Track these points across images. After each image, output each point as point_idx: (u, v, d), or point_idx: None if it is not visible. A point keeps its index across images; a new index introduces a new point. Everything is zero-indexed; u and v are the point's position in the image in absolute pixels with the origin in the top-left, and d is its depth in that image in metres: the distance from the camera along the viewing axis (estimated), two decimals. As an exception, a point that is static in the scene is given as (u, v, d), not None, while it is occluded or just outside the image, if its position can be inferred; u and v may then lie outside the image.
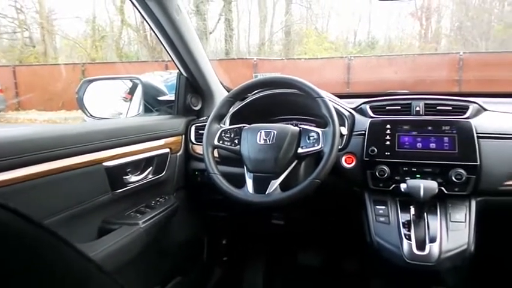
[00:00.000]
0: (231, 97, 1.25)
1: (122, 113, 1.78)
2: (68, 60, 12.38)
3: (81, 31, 14.26)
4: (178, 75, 1.49)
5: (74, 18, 17.83)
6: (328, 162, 1.04)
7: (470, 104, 1.21)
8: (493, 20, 13.10)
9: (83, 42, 13.50)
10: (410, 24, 14.80)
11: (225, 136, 1.20)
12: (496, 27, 12.83)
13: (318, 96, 1.11)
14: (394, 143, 1.17)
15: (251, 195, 1.10)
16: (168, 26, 1.27)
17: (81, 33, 14.00)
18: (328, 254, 1.84)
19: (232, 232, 1.85)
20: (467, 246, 1.03)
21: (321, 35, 14.39)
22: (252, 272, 1.80)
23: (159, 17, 1.24)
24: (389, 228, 1.11)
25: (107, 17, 14.31)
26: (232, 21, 13.58)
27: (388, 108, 1.28)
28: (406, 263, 1.02)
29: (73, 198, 0.96)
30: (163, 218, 1.27)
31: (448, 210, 1.10)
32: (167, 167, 1.34)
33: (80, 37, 13.73)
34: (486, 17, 13.06)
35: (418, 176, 1.13)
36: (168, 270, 1.48)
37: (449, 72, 8.91)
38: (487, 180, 1.09)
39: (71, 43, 13.64)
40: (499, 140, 1.12)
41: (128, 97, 1.81)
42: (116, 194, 1.10)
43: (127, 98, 1.81)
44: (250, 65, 9.97)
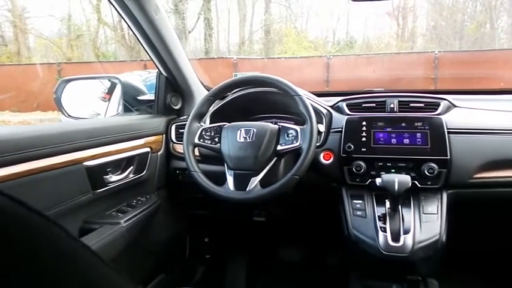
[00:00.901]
0: (210, 96, 1.26)
1: (100, 113, 1.77)
2: (43, 60, 12.06)
3: (56, 30, 13.92)
4: (158, 75, 1.49)
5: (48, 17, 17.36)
6: (307, 158, 1.07)
7: (441, 101, 1.26)
8: (466, 19, 13.49)
9: (58, 42, 13.17)
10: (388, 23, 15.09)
11: (205, 135, 1.22)
12: (469, 27, 13.23)
13: (296, 94, 1.14)
14: (369, 139, 1.21)
15: (232, 192, 1.12)
16: (147, 26, 1.28)
17: (55, 32, 13.66)
18: (309, 248, 1.88)
19: (214, 230, 1.86)
20: (439, 237, 1.08)
21: (301, 34, 14.51)
22: (234, 269, 1.82)
23: (137, 16, 1.24)
24: (366, 222, 1.15)
25: (83, 15, 14.02)
26: (212, 20, 13.52)
27: (364, 106, 1.32)
28: (382, 254, 1.06)
29: (53, 198, 0.96)
30: (145, 217, 1.27)
31: (421, 203, 1.15)
32: (148, 166, 1.34)
33: (54, 36, 13.40)
34: (459, 16, 13.44)
35: (393, 170, 1.17)
36: (151, 268, 1.48)
37: (426, 70, 9.13)
38: (457, 174, 1.15)
39: (46, 42, 13.28)
40: (468, 134, 1.17)
41: (107, 97, 1.80)
42: (96, 193, 1.10)
43: (105, 98, 1.80)
44: (230, 64, 9.96)
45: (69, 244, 0.32)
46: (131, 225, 1.17)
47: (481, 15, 13.12)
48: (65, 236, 0.32)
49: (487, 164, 1.15)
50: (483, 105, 1.29)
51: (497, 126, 1.18)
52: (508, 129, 1.17)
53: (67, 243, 0.32)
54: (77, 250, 0.33)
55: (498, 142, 1.16)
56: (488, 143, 1.16)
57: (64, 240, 0.32)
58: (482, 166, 1.15)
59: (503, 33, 12.97)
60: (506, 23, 12.90)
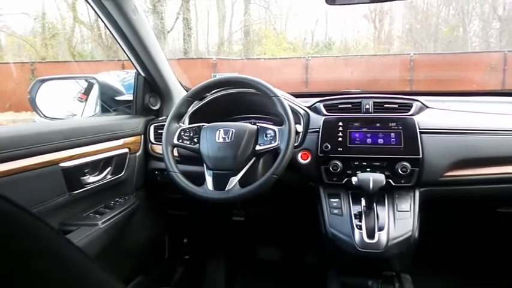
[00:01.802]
0: (189, 96, 1.27)
1: (77, 114, 1.74)
2: (15, 59, 11.68)
3: (30, 28, 13.50)
4: (136, 75, 1.48)
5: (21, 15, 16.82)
6: (285, 158, 1.09)
7: (413, 102, 1.30)
8: (440, 23, 13.89)
9: (31, 40, 12.79)
10: (365, 26, 15.36)
11: (184, 135, 1.22)
12: (442, 30, 13.63)
13: (274, 95, 1.16)
14: (346, 139, 1.24)
15: (211, 192, 1.12)
16: (125, 26, 1.27)
17: (29, 31, 13.25)
18: (288, 247, 1.91)
19: (193, 230, 1.86)
20: (411, 233, 1.12)
21: (280, 35, 14.60)
22: (213, 269, 1.83)
23: (115, 17, 1.23)
24: (342, 220, 1.17)
25: (58, 14, 13.65)
26: (191, 21, 13.42)
27: (340, 107, 1.35)
28: (358, 251, 1.09)
29: (28, 200, 0.94)
30: (123, 218, 1.26)
31: (395, 200, 1.18)
32: (126, 167, 1.33)
33: (28, 35, 13.00)
34: (434, 20, 13.83)
35: (368, 169, 1.20)
36: (130, 269, 1.47)
37: (402, 72, 9.35)
38: (429, 172, 1.19)
39: (18, 41, 12.87)
40: (439, 134, 1.22)
41: (83, 97, 1.77)
42: (73, 195, 1.08)
43: (82, 99, 1.77)
44: (209, 64, 9.93)
45: (54, 240, 0.33)
46: (109, 226, 1.16)
47: (454, 19, 13.54)
48: (50, 232, 0.32)
49: (457, 163, 1.20)
50: (454, 106, 1.34)
51: (467, 126, 1.23)
52: (477, 129, 1.22)
53: (51, 240, 0.32)
54: (62, 246, 0.34)
55: (468, 142, 1.21)
56: (458, 143, 1.21)
57: (48, 236, 0.32)
58: (452, 165, 1.19)
59: (475, 37, 13.44)
60: (478, 27, 13.36)
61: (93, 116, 1.61)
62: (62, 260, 0.33)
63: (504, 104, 1.49)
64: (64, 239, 0.34)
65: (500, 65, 8.61)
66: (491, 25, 12.86)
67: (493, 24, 12.82)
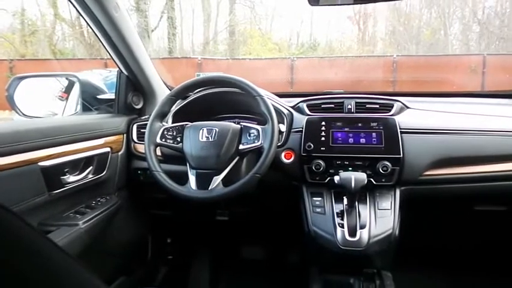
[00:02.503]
0: (173, 95, 1.26)
1: (58, 112, 1.71)
2: (-9, 56, 11.38)
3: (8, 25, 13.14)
4: (119, 74, 1.46)
5: (0, 11, 16.37)
6: (268, 157, 1.09)
7: (394, 102, 1.32)
8: (422, 25, 14.15)
9: (10, 37, 12.46)
10: (349, 27, 15.53)
11: (167, 134, 1.21)
12: (424, 33, 13.88)
13: (257, 94, 1.17)
14: (328, 139, 1.26)
15: (194, 192, 1.12)
16: (106, 24, 1.25)
17: (7, 27, 12.90)
18: (272, 246, 1.91)
19: (177, 230, 1.85)
20: (392, 231, 1.14)
21: (265, 35, 14.62)
22: (197, 269, 1.82)
23: (97, 14, 1.21)
24: (325, 218, 1.19)
25: (38, 10, 13.33)
26: (176, 19, 13.32)
27: (323, 107, 1.36)
28: (340, 249, 1.10)
29: (5, 200, 0.92)
30: (105, 218, 1.25)
31: (376, 199, 1.20)
32: (108, 167, 1.32)
33: (6, 31, 12.66)
34: (416, 22, 14.08)
35: (350, 168, 1.22)
36: (112, 270, 1.45)
37: (385, 73, 9.48)
38: (409, 171, 1.21)
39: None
40: (419, 134, 1.24)
41: (64, 96, 1.74)
42: (53, 194, 1.07)
43: (63, 97, 1.74)
44: (194, 64, 9.87)
45: (35, 240, 0.32)
46: (90, 226, 1.14)
47: (435, 22, 13.81)
48: (30, 231, 0.32)
49: (436, 162, 1.22)
50: (434, 107, 1.37)
51: (446, 126, 1.26)
52: (456, 130, 1.25)
53: (32, 239, 0.32)
54: (43, 246, 0.33)
55: (446, 141, 1.24)
56: (437, 143, 1.24)
57: (29, 235, 0.32)
58: (431, 164, 1.22)
59: (456, 40, 13.73)
60: (458, 30, 13.66)
61: (74, 114, 1.58)
62: (43, 259, 0.32)
63: (482, 105, 1.53)
64: (45, 238, 0.33)
65: (480, 67, 8.82)
66: (471, 28, 13.18)
67: (473, 28, 13.14)
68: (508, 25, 11.77)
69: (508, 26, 11.79)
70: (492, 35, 12.05)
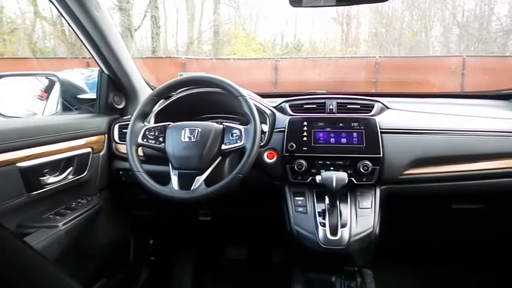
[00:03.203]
0: (155, 95, 1.25)
1: (38, 112, 1.68)
2: (-31, 54, 11.04)
3: (-15, 23, 12.75)
4: (100, 73, 1.45)
5: (-23, 8, 15.87)
6: (250, 157, 1.10)
7: (375, 103, 1.35)
8: (404, 27, 14.37)
9: (-14, 35, 12.11)
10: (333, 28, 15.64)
11: (149, 134, 1.20)
12: (406, 34, 14.11)
13: (240, 94, 1.17)
14: (310, 139, 1.27)
15: (176, 192, 1.12)
16: (87, 23, 1.24)
17: (-16, 26, 12.52)
18: (255, 246, 1.92)
19: (160, 231, 1.84)
20: (372, 230, 1.16)
21: (249, 36, 14.61)
22: (180, 269, 1.81)
23: (77, 13, 1.20)
24: (307, 217, 1.20)
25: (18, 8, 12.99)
26: (159, 19, 13.17)
27: (305, 107, 1.38)
28: (321, 248, 1.12)
29: None
30: (86, 220, 1.23)
31: (357, 198, 1.22)
32: (89, 167, 1.30)
33: (-17, 30, 12.29)
34: (398, 24, 14.29)
35: (332, 168, 1.23)
36: (92, 272, 1.44)
37: (368, 74, 9.59)
38: (389, 171, 1.24)
39: (-27, 35, 12.15)
40: (398, 134, 1.27)
41: (44, 96, 1.71)
42: (32, 196, 1.05)
43: (43, 97, 1.71)
44: (178, 64, 9.78)
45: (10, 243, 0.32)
46: (70, 228, 1.13)
47: (416, 24, 14.05)
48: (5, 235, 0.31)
49: (415, 162, 1.25)
50: (414, 107, 1.40)
51: (425, 126, 1.29)
52: (435, 130, 1.28)
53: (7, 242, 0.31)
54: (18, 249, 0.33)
55: (425, 141, 1.27)
56: (417, 142, 1.26)
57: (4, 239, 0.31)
58: (410, 163, 1.25)
59: (437, 42, 14.00)
60: (439, 32, 13.93)
61: (54, 114, 1.55)
62: (19, 263, 0.32)
63: (461, 105, 1.58)
64: (21, 241, 0.33)
65: (459, 69, 9.02)
66: (451, 31, 13.45)
67: (453, 30, 13.42)
68: (487, 28, 12.07)
69: (486, 28, 12.09)
70: (471, 37, 12.33)
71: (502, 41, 11.38)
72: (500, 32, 11.41)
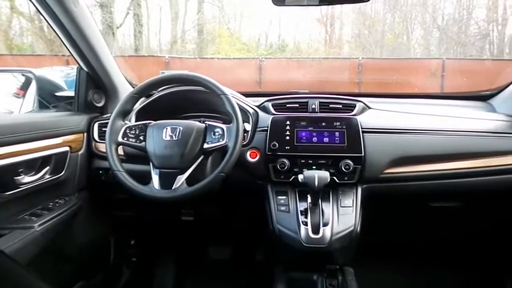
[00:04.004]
0: (135, 93, 1.23)
1: (14, 111, 1.63)
2: None
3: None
4: (78, 70, 1.42)
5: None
6: (233, 156, 1.09)
7: (357, 102, 1.36)
8: (386, 29, 14.59)
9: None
10: (317, 29, 15.77)
11: (129, 133, 1.18)
12: (388, 36, 14.34)
13: (222, 93, 1.16)
14: (293, 138, 1.27)
15: (157, 191, 1.10)
16: (64, 18, 1.21)
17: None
18: (238, 245, 1.91)
19: (141, 231, 1.81)
20: (353, 228, 1.17)
21: (234, 35, 14.58)
22: (162, 270, 1.79)
23: (54, 8, 1.17)
24: (289, 216, 1.20)
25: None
26: (142, 17, 13.01)
27: (288, 106, 1.38)
28: (303, 246, 1.12)
29: None
30: (63, 220, 1.21)
31: (339, 197, 1.23)
32: (67, 167, 1.27)
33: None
34: (380, 26, 14.50)
35: (314, 167, 1.24)
36: (70, 274, 1.40)
37: (351, 74, 9.70)
38: (370, 170, 1.25)
39: None
40: (379, 134, 1.28)
41: (20, 93, 1.66)
42: (5, 196, 1.02)
43: (19, 94, 1.66)
44: (161, 62, 9.66)
45: None
46: (46, 229, 1.10)
47: (398, 26, 14.28)
48: None
49: (395, 161, 1.27)
50: (395, 107, 1.42)
51: (405, 126, 1.31)
52: (415, 129, 1.30)
53: None
54: None
55: (406, 141, 1.29)
56: (397, 142, 1.28)
57: None
58: (391, 162, 1.26)
59: (417, 44, 14.27)
60: (420, 35, 14.20)
61: (29, 112, 1.51)
62: None
63: (440, 106, 1.61)
64: None
65: (439, 71, 9.21)
66: (432, 34, 13.73)
67: (433, 33, 13.70)
68: (465, 31, 12.36)
69: (465, 32, 12.38)
70: (451, 41, 12.61)
71: (480, 45, 11.68)
72: (478, 35, 11.72)
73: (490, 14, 11.72)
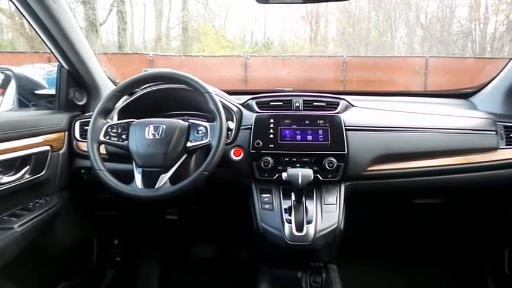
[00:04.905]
0: (117, 91, 1.22)
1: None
2: None
3: None
4: (59, 68, 1.39)
5: None
6: (216, 154, 1.09)
7: (340, 100, 1.37)
8: (370, 27, 14.72)
9: None
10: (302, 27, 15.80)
11: (111, 131, 1.17)
12: (372, 34, 14.47)
13: (205, 91, 1.16)
14: (277, 136, 1.27)
15: (140, 190, 1.09)
16: (43, 15, 1.18)
17: None
18: (223, 244, 1.91)
19: (124, 231, 1.79)
20: (337, 225, 1.18)
21: (219, 33, 14.50)
22: (146, 270, 1.77)
23: (32, 4, 1.14)
24: (273, 214, 1.20)
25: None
26: (126, 14, 12.83)
27: (272, 104, 1.38)
28: (287, 244, 1.12)
29: None
30: (44, 221, 1.19)
31: (322, 194, 1.24)
32: (47, 166, 1.25)
33: None
34: (365, 24, 14.63)
35: (298, 165, 1.24)
36: (52, 275, 1.38)
37: (335, 72, 9.76)
38: (353, 167, 1.26)
39: None
40: (362, 131, 1.30)
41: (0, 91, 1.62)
42: None
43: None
44: (146, 60, 9.55)
45: None
46: (27, 230, 1.08)
47: (382, 24, 14.43)
48: None
49: (378, 158, 1.28)
50: (378, 105, 1.44)
51: (388, 124, 1.32)
52: (397, 127, 1.31)
53: None
54: None
55: (389, 138, 1.30)
56: (380, 139, 1.30)
57: None
58: (374, 160, 1.28)
59: (401, 43, 14.44)
60: (404, 33, 14.37)
61: (8, 111, 1.47)
62: None
63: (423, 104, 1.63)
64: None
65: (423, 69, 9.34)
66: (415, 32, 13.91)
67: (417, 31, 13.89)
68: (448, 30, 12.57)
69: (448, 30, 12.58)
70: (434, 39, 12.80)
71: (462, 43, 11.89)
72: (460, 34, 11.92)
73: (473, 12, 11.94)
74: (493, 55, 10.46)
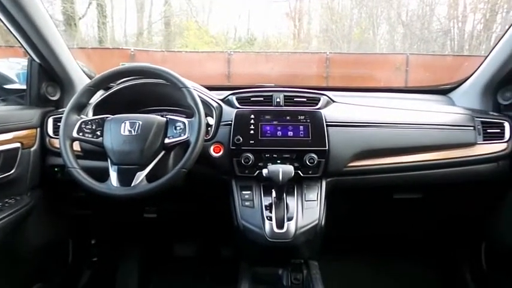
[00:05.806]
0: (91, 86, 1.17)
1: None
2: None
3: None
4: (30, 61, 1.33)
5: None
6: (194, 151, 1.06)
7: (321, 96, 1.36)
8: (353, 25, 14.83)
9: None
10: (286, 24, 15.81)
11: (85, 128, 1.13)
12: (355, 31, 14.58)
13: (183, 86, 1.12)
14: (257, 132, 1.25)
15: (115, 189, 1.06)
16: (11, 7, 1.12)
17: None
18: (203, 242, 1.88)
19: (102, 230, 1.74)
20: (318, 222, 1.17)
21: (202, 28, 14.36)
22: (125, 270, 1.73)
23: None
24: (254, 211, 1.19)
25: None
26: (106, 7, 12.55)
27: (252, 100, 1.36)
28: (268, 241, 1.11)
29: None
30: (15, 221, 1.14)
31: (303, 191, 1.23)
32: (18, 164, 1.20)
33: None
34: (348, 21, 14.73)
35: (279, 161, 1.22)
36: (24, 277, 1.33)
37: (319, 68, 9.80)
38: (334, 163, 1.25)
39: None
40: (343, 127, 1.29)
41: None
42: None
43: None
44: (127, 55, 9.38)
45: None
46: None
47: (365, 22, 14.55)
48: None
49: (359, 154, 1.27)
50: (359, 101, 1.43)
51: (369, 120, 1.32)
52: (378, 123, 1.31)
53: None
54: None
55: (369, 134, 1.30)
56: (360, 135, 1.29)
57: None
58: (355, 156, 1.27)
59: (383, 40, 14.60)
60: (385, 30, 14.53)
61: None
62: None
63: (403, 100, 1.64)
64: None
65: (404, 65, 9.47)
66: (396, 29, 14.08)
67: (398, 29, 14.06)
68: (428, 27, 12.76)
69: (428, 28, 12.77)
70: (414, 36, 12.99)
71: (442, 41, 12.10)
72: (440, 32, 12.13)
73: (451, 11, 12.16)
74: (471, 53, 10.68)
